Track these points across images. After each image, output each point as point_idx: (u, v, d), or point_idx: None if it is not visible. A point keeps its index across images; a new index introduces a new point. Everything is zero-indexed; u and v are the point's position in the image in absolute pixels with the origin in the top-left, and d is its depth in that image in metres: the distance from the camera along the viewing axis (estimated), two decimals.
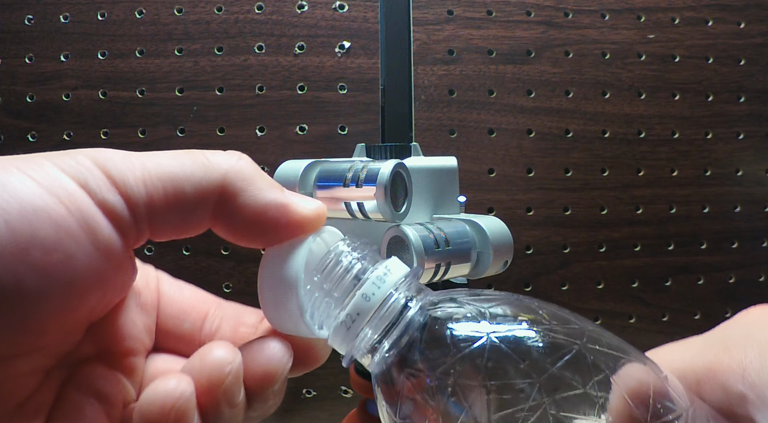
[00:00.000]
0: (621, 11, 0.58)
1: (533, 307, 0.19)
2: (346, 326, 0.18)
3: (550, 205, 0.57)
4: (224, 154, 0.19)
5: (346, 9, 0.56)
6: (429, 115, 0.56)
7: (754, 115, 0.59)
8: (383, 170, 0.27)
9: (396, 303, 0.18)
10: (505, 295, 0.19)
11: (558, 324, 0.18)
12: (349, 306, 0.18)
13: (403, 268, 0.19)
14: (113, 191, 0.17)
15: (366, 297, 0.18)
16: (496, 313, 0.18)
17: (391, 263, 0.19)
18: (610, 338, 0.18)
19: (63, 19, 0.56)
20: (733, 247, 0.59)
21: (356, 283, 0.18)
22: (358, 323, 0.17)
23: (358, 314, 0.17)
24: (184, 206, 0.18)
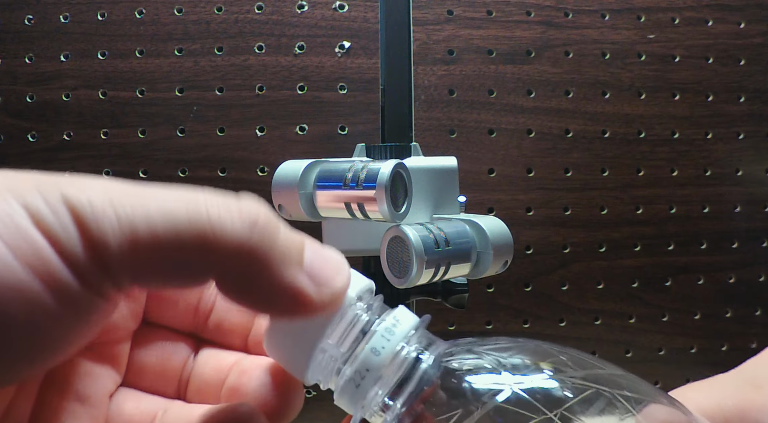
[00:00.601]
0: (621, 11, 0.58)
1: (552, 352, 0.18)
2: (354, 384, 0.16)
3: (550, 205, 0.57)
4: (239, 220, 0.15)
5: (346, 9, 0.56)
6: (429, 115, 0.56)
7: (754, 115, 0.59)
8: (383, 170, 0.27)
9: (408, 356, 0.17)
10: (521, 341, 0.18)
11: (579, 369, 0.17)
12: (357, 361, 0.16)
13: (412, 318, 0.17)
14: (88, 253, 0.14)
15: (375, 351, 0.16)
16: (515, 362, 0.17)
17: (399, 313, 0.17)
18: (634, 381, 0.17)
19: (63, 19, 0.56)
20: (733, 247, 0.59)
21: (362, 337, 0.17)
22: (368, 380, 0.16)
23: (368, 370, 0.16)
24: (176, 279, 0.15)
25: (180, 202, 0.14)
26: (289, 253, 0.15)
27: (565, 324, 0.58)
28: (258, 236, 0.15)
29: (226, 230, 0.14)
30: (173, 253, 0.14)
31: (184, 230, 0.14)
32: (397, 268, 0.29)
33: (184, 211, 0.14)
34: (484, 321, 0.57)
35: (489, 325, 0.57)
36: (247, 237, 0.15)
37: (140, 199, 0.14)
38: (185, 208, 0.14)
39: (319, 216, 0.31)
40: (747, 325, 0.59)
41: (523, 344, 0.18)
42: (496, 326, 0.57)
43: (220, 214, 0.15)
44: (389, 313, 0.17)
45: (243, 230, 0.15)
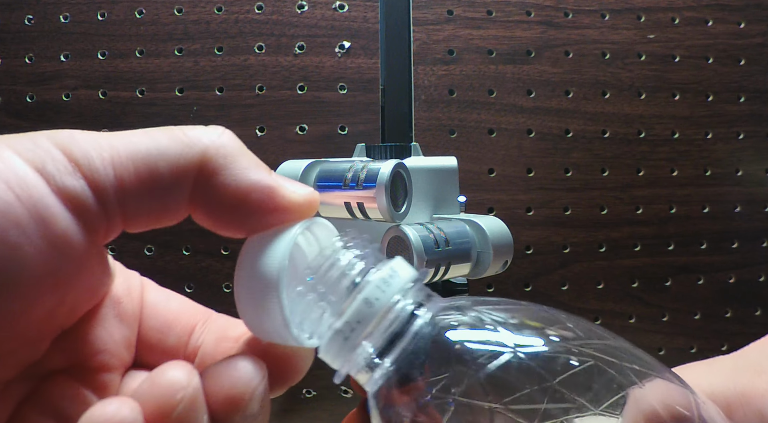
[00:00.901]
0: (621, 11, 0.58)
1: (555, 318, 0.17)
2: (343, 336, 0.15)
3: (550, 205, 0.57)
4: (204, 129, 0.18)
5: (346, 9, 0.56)
6: (429, 115, 0.56)
7: (754, 115, 0.59)
8: (383, 170, 0.27)
9: (403, 310, 0.15)
10: (524, 305, 0.17)
11: (583, 338, 0.16)
12: (348, 312, 0.15)
13: (410, 271, 0.16)
14: (76, 175, 0.15)
15: (368, 302, 0.15)
16: (516, 326, 0.16)
17: (396, 264, 0.16)
18: (641, 356, 0.16)
19: (63, 19, 0.56)
20: (733, 247, 0.59)
21: (356, 286, 0.15)
22: (358, 333, 0.15)
23: (359, 322, 0.15)
24: (159, 187, 0.16)
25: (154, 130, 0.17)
26: (257, 160, 0.17)
27: None
28: (227, 139, 0.17)
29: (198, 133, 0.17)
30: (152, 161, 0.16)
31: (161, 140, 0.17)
32: None
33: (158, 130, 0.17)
34: None
35: None
36: (217, 137, 0.17)
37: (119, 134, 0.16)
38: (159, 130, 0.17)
39: (318, 216, 0.31)
40: (747, 325, 0.59)
41: (526, 308, 0.17)
42: None
43: (191, 127, 0.18)
44: (385, 262, 0.16)
45: (214, 133, 0.18)
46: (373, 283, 0.15)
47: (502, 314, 0.17)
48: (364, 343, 0.15)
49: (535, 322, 0.17)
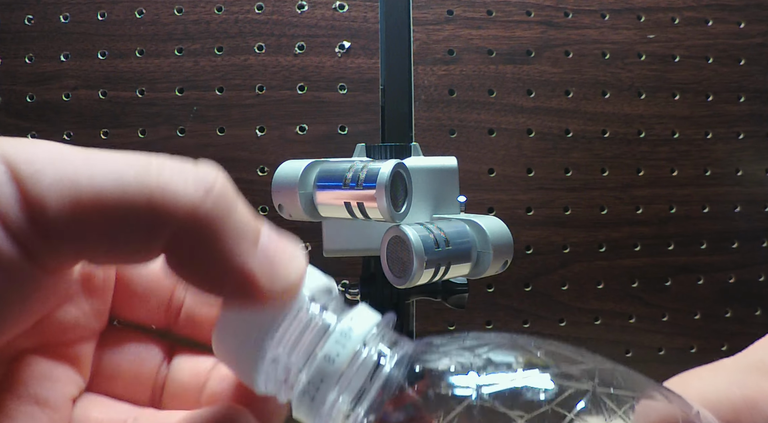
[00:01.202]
0: (621, 11, 0.58)
1: (531, 348, 0.16)
2: (309, 396, 0.15)
3: (550, 205, 0.57)
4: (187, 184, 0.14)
5: (346, 9, 0.56)
6: (429, 115, 0.56)
7: (754, 115, 0.59)
8: (383, 170, 0.27)
9: (366, 361, 0.15)
10: (497, 336, 0.17)
11: (564, 365, 0.16)
12: (311, 371, 0.15)
13: (371, 318, 0.16)
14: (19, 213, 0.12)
15: (329, 359, 0.15)
16: (492, 360, 0.16)
17: (356, 313, 0.16)
18: (627, 374, 0.16)
19: (63, 19, 0.56)
20: (733, 247, 0.59)
21: (317, 343, 0.15)
22: (324, 391, 0.15)
23: (322, 381, 0.15)
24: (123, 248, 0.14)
25: (129, 164, 0.13)
26: (244, 229, 0.14)
27: (565, 324, 0.58)
28: (212, 204, 0.14)
29: (177, 193, 0.13)
30: (119, 217, 0.13)
31: (132, 192, 0.13)
32: (397, 268, 0.29)
33: (133, 172, 0.13)
34: (484, 321, 0.57)
35: (489, 325, 0.57)
36: (200, 202, 0.13)
37: (86, 160, 0.13)
38: (134, 170, 0.13)
39: (319, 216, 0.31)
40: (747, 325, 0.59)
41: (500, 340, 0.17)
42: (496, 326, 0.57)
43: (172, 176, 0.13)
44: (347, 313, 0.16)
45: (196, 195, 0.13)
46: (333, 338, 0.15)
47: (476, 350, 0.16)
48: (331, 400, 0.15)
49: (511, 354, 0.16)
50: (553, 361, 0.16)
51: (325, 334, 0.15)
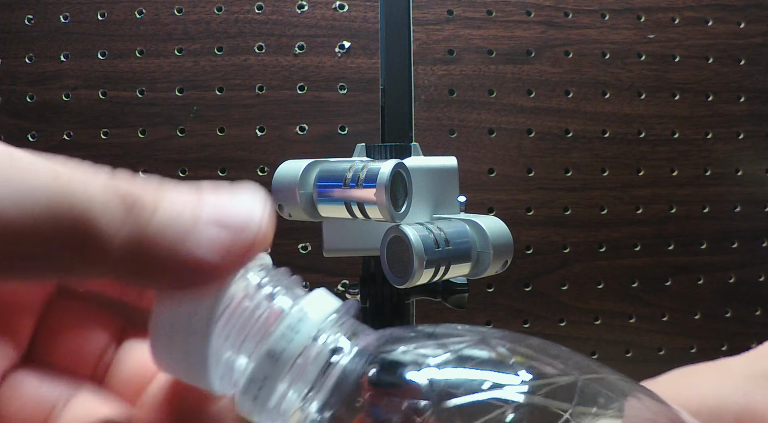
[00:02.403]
0: (621, 11, 0.58)
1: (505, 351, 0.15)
2: (252, 395, 0.13)
3: (550, 205, 0.57)
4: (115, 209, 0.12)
5: (346, 9, 0.56)
6: (429, 115, 0.56)
7: (754, 115, 0.59)
8: (383, 170, 0.27)
9: (318, 356, 0.14)
10: (469, 331, 0.15)
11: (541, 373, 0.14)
12: (251, 369, 0.13)
13: (327, 306, 0.14)
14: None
15: (273, 355, 0.13)
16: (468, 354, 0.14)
17: (309, 302, 0.14)
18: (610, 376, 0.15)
19: (63, 19, 0.56)
20: (733, 247, 0.59)
21: (263, 333, 0.14)
22: (268, 388, 0.13)
23: (265, 379, 0.13)
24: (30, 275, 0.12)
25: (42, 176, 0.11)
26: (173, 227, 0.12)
27: (565, 324, 0.58)
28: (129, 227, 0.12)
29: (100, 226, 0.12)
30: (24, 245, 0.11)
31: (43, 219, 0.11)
32: (397, 268, 0.29)
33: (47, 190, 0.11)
34: (484, 321, 0.57)
35: (489, 325, 0.57)
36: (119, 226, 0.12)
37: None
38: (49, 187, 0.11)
39: (319, 216, 0.31)
40: (747, 325, 0.59)
41: (471, 333, 0.15)
42: (496, 326, 0.57)
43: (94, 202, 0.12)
44: (299, 301, 0.14)
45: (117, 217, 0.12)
46: (279, 332, 0.13)
47: (441, 341, 0.15)
48: (276, 397, 0.14)
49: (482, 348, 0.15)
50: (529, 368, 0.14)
51: (275, 323, 0.14)
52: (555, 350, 0.15)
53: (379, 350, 0.15)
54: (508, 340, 0.15)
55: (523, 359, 0.14)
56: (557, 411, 0.13)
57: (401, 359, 0.14)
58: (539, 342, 0.15)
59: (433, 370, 0.14)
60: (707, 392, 0.17)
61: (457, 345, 0.15)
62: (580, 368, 0.14)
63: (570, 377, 0.14)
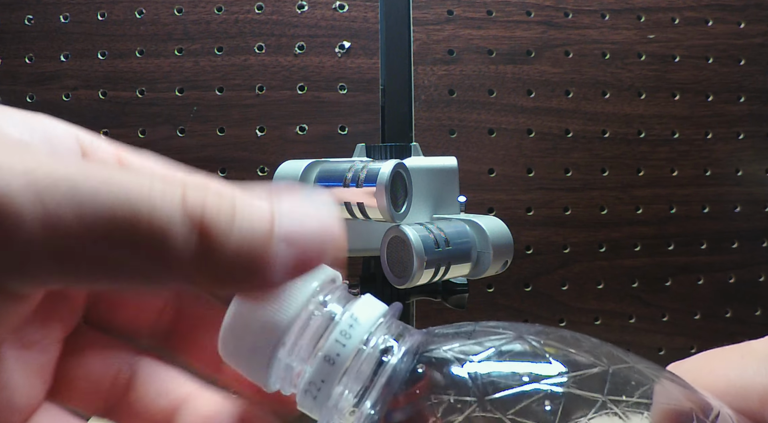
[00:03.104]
0: (621, 11, 0.58)
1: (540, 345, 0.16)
2: (311, 395, 0.15)
3: (550, 205, 0.57)
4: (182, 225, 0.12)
5: (346, 9, 0.56)
6: (429, 115, 0.56)
7: (754, 115, 0.59)
8: (383, 170, 0.27)
9: (370, 358, 0.15)
10: (509, 327, 0.16)
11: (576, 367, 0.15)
12: (310, 372, 0.15)
13: (374, 311, 0.15)
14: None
15: (329, 359, 0.14)
16: (504, 349, 0.15)
17: (358, 308, 0.15)
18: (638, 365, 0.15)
19: (63, 19, 0.56)
20: (733, 247, 0.59)
21: (320, 338, 0.15)
22: (326, 389, 0.15)
23: (323, 381, 0.15)
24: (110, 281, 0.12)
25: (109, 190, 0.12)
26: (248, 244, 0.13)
27: (565, 324, 0.58)
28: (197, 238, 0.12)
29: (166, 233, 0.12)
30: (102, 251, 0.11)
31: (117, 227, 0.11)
32: (397, 268, 0.29)
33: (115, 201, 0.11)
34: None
35: None
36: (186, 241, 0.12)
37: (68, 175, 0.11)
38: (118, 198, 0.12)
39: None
40: (747, 325, 0.59)
41: (507, 329, 0.16)
42: None
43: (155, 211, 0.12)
44: (350, 307, 0.15)
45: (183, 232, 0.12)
46: (333, 338, 0.15)
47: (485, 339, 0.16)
48: (334, 397, 0.15)
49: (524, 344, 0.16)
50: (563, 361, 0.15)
51: (328, 329, 0.15)
52: (586, 342, 0.16)
53: (425, 349, 0.15)
54: (542, 335, 0.16)
55: (557, 352, 0.15)
56: (592, 397, 0.14)
57: (446, 357, 0.15)
58: (570, 334, 0.16)
59: (474, 366, 0.15)
60: (732, 374, 0.17)
61: (495, 342, 0.16)
62: (610, 358, 0.15)
63: (601, 367, 0.15)
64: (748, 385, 0.16)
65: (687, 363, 0.19)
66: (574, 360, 0.15)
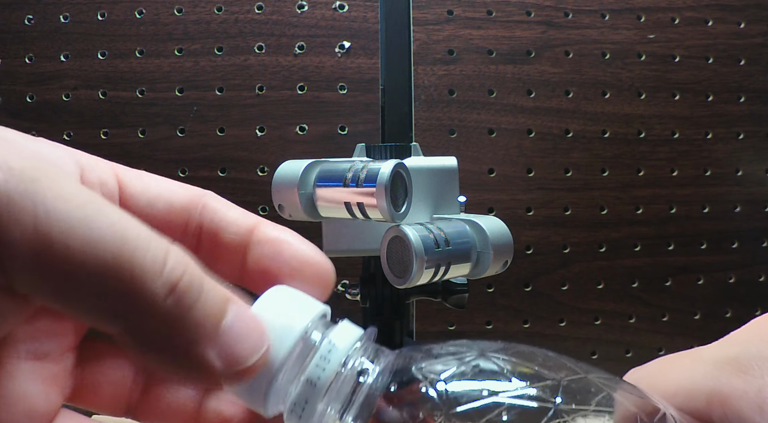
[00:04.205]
0: (621, 11, 0.58)
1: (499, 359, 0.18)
2: (297, 415, 0.16)
3: (550, 205, 0.57)
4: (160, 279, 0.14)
5: (346, 9, 0.56)
6: (429, 115, 0.56)
7: (754, 115, 0.59)
8: (383, 170, 0.27)
9: (347, 380, 0.17)
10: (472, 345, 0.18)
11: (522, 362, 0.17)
12: (295, 394, 0.16)
13: (350, 336, 0.17)
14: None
15: (311, 382, 0.16)
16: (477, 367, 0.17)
17: (336, 334, 0.17)
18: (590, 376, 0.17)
19: (63, 19, 0.56)
20: (733, 247, 0.59)
21: (301, 364, 0.17)
22: (310, 409, 0.16)
23: (306, 402, 0.16)
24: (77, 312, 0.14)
25: (112, 233, 0.13)
26: (202, 325, 0.14)
27: (565, 324, 0.58)
28: (173, 302, 0.14)
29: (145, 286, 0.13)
30: (80, 286, 0.13)
31: (104, 268, 0.13)
32: (397, 268, 0.29)
33: (112, 245, 0.13)
34: (484, 321, 0.57)
35: (489, 325, 0.57)
36: (162, 300, 0.14)
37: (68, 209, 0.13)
38: (114, 243, 0.13)
39: (319, 216, 0.31)
40: None
41: (470, 348, 0.18)
42: (496, 326, 0.57)
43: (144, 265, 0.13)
44: (328, 333, 0.17)
45: (161, 290, 0.14)
46: (313, 363, 0.16)
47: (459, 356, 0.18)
48: (317, 415, 0.16)
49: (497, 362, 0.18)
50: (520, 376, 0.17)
51: (310, 354, 0.17)
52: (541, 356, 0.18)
53: (397, 369, 0.17)
54: (502, 351, 0.18)
55: (514, 367, 0.17)
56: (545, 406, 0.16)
57: (415, 376, 0.17)
58: (528, 349, 0.18)
59: (441, 384, 0.17)
60: (682, 377, 0.19)
61: (459, 360, 0.18)
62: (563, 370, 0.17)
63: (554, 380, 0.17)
64: (696, 388, 0.18)
65: (644, 368, 0.22)
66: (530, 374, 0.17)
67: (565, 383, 0.17)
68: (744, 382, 0.17)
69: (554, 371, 0.17)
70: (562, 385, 0.17)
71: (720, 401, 0.17)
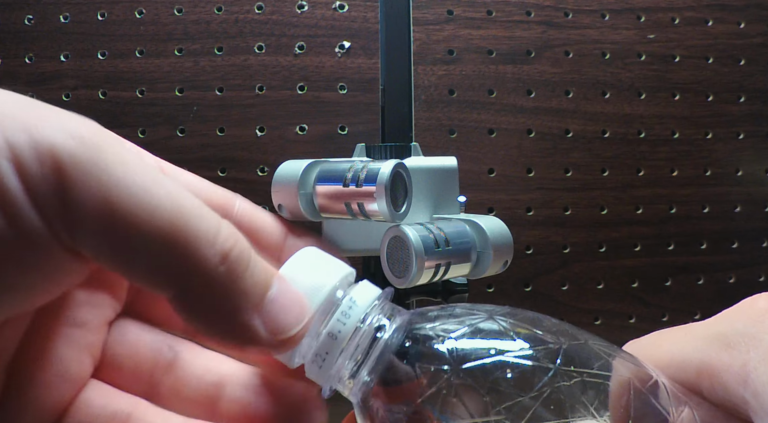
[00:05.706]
0: (621, 11, 0.58)
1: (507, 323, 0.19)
2: (317, 365, 0.18)
3: (550, 205, 0.57)
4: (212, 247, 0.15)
5: (346, 9, 0.56)
6: (429, 115, 0.56)
7: (754, 115, 0.59)
8: (383, 170, 0.27)
9: (365, 335, 0.18)
10: (482, 308, 0.19)
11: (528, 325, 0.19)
12: (316, 346, 0.18)
13: (369, 294, 0.18)
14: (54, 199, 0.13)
15: (332, 335, 0.17)
16: (484, 327, 0.18)
17: (356, 292, 0.18)
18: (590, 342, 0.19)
19: (63, 19, 0.56)
20: (733, 247, 0.59)
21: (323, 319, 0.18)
22: (329, 361, 0.17)
23: (327, 353, 0.17)
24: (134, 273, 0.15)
25: (170, 201, 0.14)
26: (250, 294, 0.15)
27: None
28: (225, 269, 0.14)
29: (200, 253, 0.14)
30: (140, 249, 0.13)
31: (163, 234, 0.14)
32: (397, 268, 0.29)
33: (170, 213, 0.14)
34: None
35: None
36: (214, 267, 0.14)
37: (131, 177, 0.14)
38: (172, 211, 0.14)
39: (319, 216, 0.31)
40: None
41: (480, 311, 0.19)
42: None
43: (198, 232, 0.14)
44: (349, 291, 0.18)
45: (214, 258, 0.14)
46: (335, 318, 0.18)
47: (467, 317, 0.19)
48: (336, 366, 0.18)
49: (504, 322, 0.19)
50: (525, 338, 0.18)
51: (332, 311, 0.18)
52: (547, 321, 0.20)
53: (413, 327, 0.19)
54: (509, 315, 0.19)
55: (520, 330, 0.19)
56: (546, 366, 0.17)
57: (428, 334, 0.18)
58: (534, 315, 0.20)
59: (452, 342, 0.18)
60: (675, 350, 0.20)
61: (470, 321, 0.19)
62: (566, 335, 0.19)
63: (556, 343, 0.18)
64: (687, 360, 0.19)
65: (642, 340, 0.24)
66: (534, 336, 0.19)
67: (566, 347, 0.18)
68: (730, 356, 0.18)
69: (557, 336, 0.18)
70: (564, 349, 0.18)
71: (708, 374, 0.18)
